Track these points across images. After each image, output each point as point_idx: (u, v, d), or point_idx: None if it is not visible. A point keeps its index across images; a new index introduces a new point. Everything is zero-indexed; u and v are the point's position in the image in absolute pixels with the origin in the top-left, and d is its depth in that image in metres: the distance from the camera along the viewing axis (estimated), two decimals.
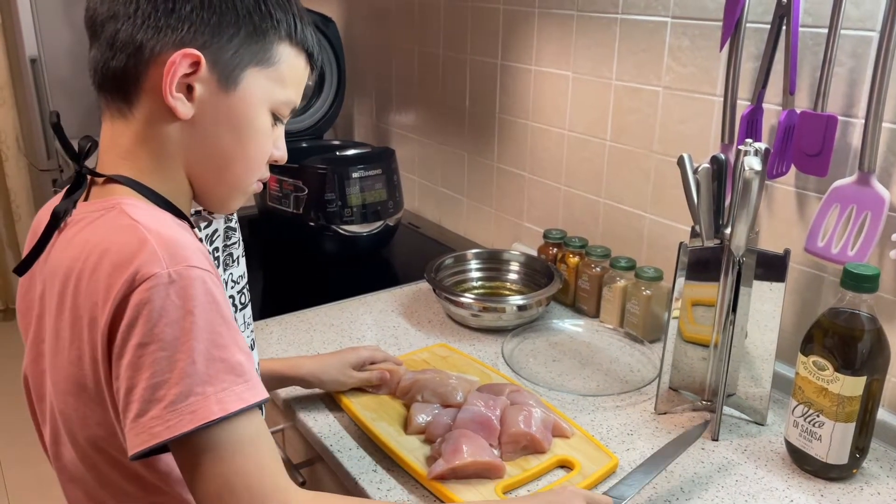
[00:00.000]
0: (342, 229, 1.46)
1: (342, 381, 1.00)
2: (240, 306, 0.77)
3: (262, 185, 0.73)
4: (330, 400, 1.03)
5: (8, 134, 2.91)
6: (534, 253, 1.39)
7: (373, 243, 1.53)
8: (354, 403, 0.99)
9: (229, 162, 0.68)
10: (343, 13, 1.98)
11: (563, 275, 1.29)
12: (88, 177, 0.67)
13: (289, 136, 1.72)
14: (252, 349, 0.80)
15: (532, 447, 0.89)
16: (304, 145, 1.71)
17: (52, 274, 0.65)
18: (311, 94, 1.82)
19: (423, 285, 1.38)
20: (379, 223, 1.49)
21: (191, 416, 0.56)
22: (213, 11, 0.63)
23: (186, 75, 0.63)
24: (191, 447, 0.58)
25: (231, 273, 0.76)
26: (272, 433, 1.12)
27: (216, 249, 0.73)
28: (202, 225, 0.71)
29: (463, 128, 1.64)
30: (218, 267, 0.73)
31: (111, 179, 0.66)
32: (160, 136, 0.65)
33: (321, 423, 0.98)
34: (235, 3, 0.64)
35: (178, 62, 0.62)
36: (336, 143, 1.78)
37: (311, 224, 1.46)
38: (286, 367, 0.99)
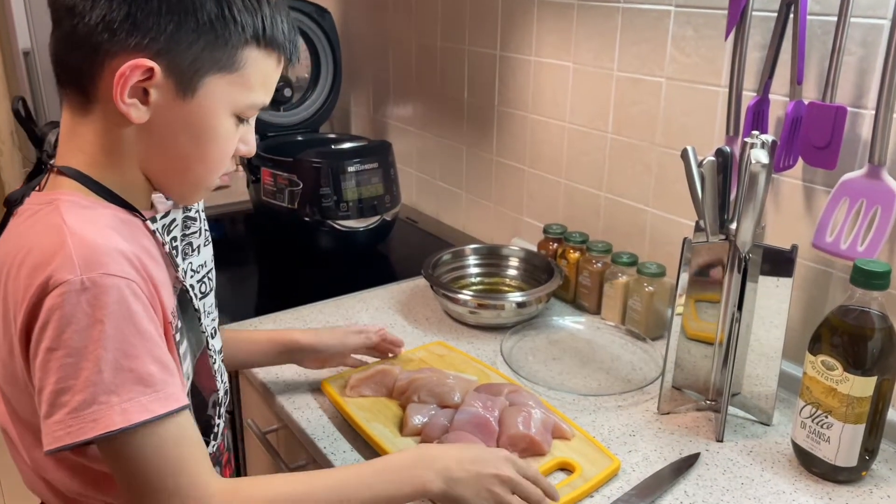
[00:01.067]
0: (338, 224, 1.44)
1: (336, 357, 1.00)
2: (199, 295, 0.77)
3: (228, 178, 0.72)
4: (324, 400, 1.00)
5: (2, 128, 2.87)
6: (534, 248, 1.37)
7: (369, 239, 1.50)
8: (349, 404, 0.96)
9: (188, 165, 0.68)
10: (339, 3, 1.95)
11: (564, 271, 1.27)
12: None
13: (283, 129, 1.71)
14: (214, 336, 0.80)
15: (531, 449, 0.87)
16: (300, 139, 1.68)
17: None
18: (307, 87, 1.78)
19: (421, 282, 1.35)
20: (376, 218, 1.46)
21: (93, 424, 0.57)
22: (170, 19, 0.62)
23: (141, 81, 0.63)
24: (104, 451, 0.61)
25: (191, 262, 0.75)
26: (266, 433, 1.11)
27: (174, 239, 0.73)
28: (157, 216, 0.70)
29: (461, 120, 1.61)
30: (176, 256, 0.72)
31: (61, 171, 0.66)
32: (116, 136, 0.65)
33: (315, 425, 0.95)
34: (196, 10, 0.62)
35: (129, 73, 0.61)
36: (332, 136, 1.75)
37: (306, 219, 1.44)
38: (280, 333, 1.00)
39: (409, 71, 1.75)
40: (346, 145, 1.54)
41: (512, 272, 1.34)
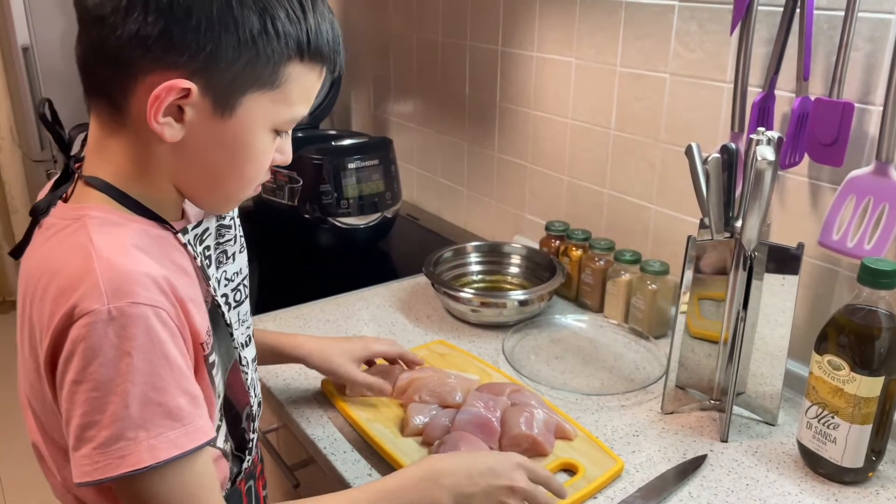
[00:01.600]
0: (338, 222, 1.43)
1: (341, 371, 0.94)
2: (234, 304, 0.74)
3: (261, 188, 0.70)
4: (325, 400, 0.99)
5: (1, 125, 2.87)
6: (536, 246, 1.36)
7: (370, 236, 1.49)
8: (350, 404, 0.95)
9: (222, 181, 0.65)
10: None
11: (566, 268, 1.25)
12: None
13: None
14: (246, 346, 0.77)
15: (534, 450, 0.86)
16: (300, 135, 1.66)
17: (21, 278, 0.63)
18: None
19: (422, 279, 1.34)
20: (376, 215, 1.45)
21: (119, 460, 0.55)
22: (210, 36, 0.57)
23: (176, 100, 0.58)
24: (125, 489, 0.58)
25: (225, 271, 0.72)
26: (266, 433, 1.10)
27: (207, 248, 0.70)
28: (189, 227, 0.67)
29: (463, 117, 1.60)
30: (210, 266, 0.69)
31: (88, 182, 0.63)
32: (147, 152, 0.62)
33: (314, 425, 0.94)
34: (238, 26, 0.57)
35: (164, 95, 0.57)
36: (332, 132, 1.74)
37: (307, 216, 1.43)
38: (288, 343, 0.94)
39: (410, 67, 1.74)
40: (347, 142, 1.53)
41: (514, 270, 1.33)
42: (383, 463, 0.86)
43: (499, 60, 1.45)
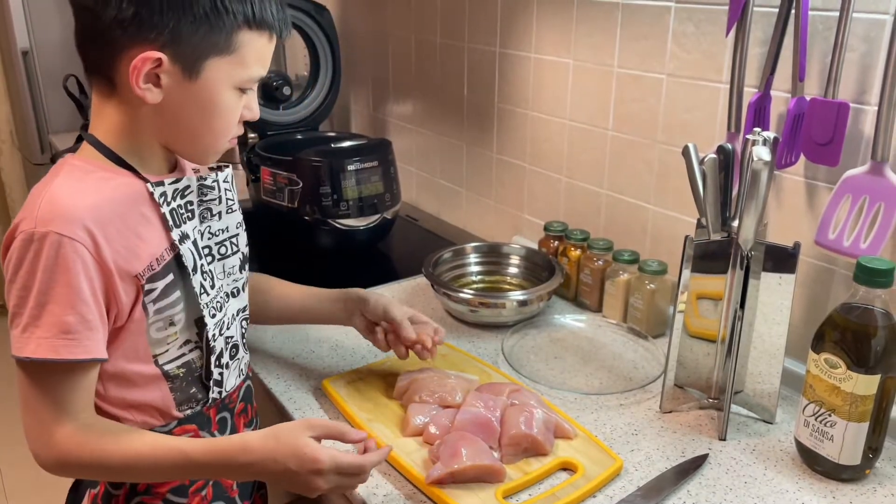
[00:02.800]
0: (338, 223, 1.43)
1: (397, 314, 0.99)
2: (218, 256, 0.86)
3: (236, 141, 0.83)
4: (325, 400, 1.00)
5: (1, 128, 2.87)
6: (534, 246, 1.36)
7: (369, 237, 1.49)
8: (350, 404, 0.96)
9: (198, 135, 0.79)
10: (338, 1, 1.94)
11: (565, 268, 1.26)
12: None
13: (283, 128, 1.70)
14: (236, 296, 0.90)
15: (533, 449, 0.87)
16: (299, 137, 1.67)
17: None
18: (306, 85, 1.78)
19: (422, 280, 1.35)
20: (376, 217, 1.46)
21: (20, 347, 0.71)
22: (171, 15, 0.71)
23: (152, 68, 0.73)
24: (20, 371, 0.72)
25: (209, 226, 0.85)
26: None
27: (189, 203, 0.82)
28: (167, 181, 0.79)
29: (461, 117, 1.60)
30: (192, 219, 0.82)
31: (85, 139, 0.78)
32: (135, 114, 0.76)
33: None
34: (192, 5, 0.72)
35: (141, 64, 0.72)
36: (331, 134, 1.74)
37: (306, 218, 1.43)
38: (343, 292, 1.04)
39: (409, 68, 1.74)
40: (346, 143, 1.53)
41: (513, 270, 1.34)
42: (384, 463, 0.87)
43: (497, 62, 1.46)
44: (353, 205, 1.43)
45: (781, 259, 0.89)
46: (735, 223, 0.91)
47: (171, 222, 0.78)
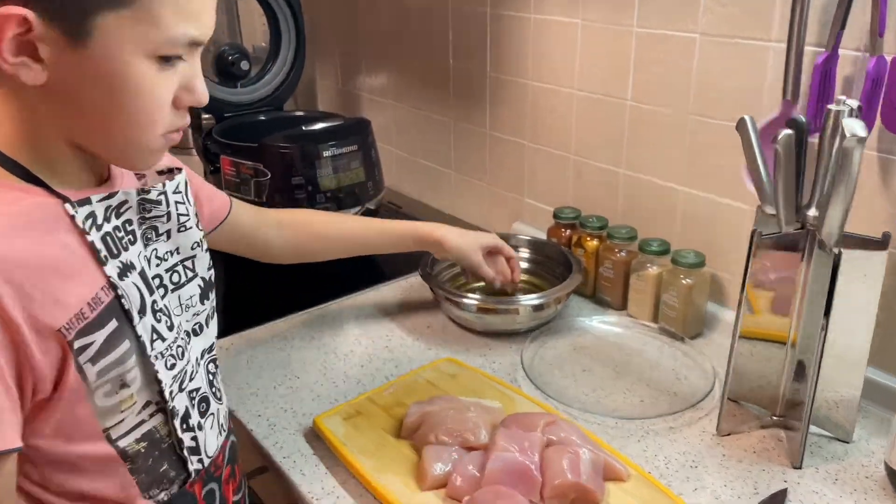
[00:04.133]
0: None
1: (474, 259, 1.02)
2: (171, 286, 0.68)
3: (180, 135, 0.62)
4: (318, 443, 0.82)
5: None
6: (541, 235, 1.20)
7: None
8: (349, 448, 0.79)
9: (109, 124, 0.57)
10: None
11: (582, 261, 1.10)
12: None
13: (242, 108, 1.49)
14: (199, 333, 0.71)
15: (583, 499, 0.71)
16: (262, 118, 1.47)
17: None
18: (266, 58, 1.56)
19: (414, 279, 1.18)
20: (357, 209, 1.27)
21: None
22: None
23: (20, 34, 0.51)
24: None
25: (155, 249, 0.66)
26: (249, 476, 0.93)
27: (128, 222, 0.63)
28: (94, 197, 0.59)
29: (446, 90, 1.42)
30: (135, 242, 0.63)
31: None
32: (23, 105, 0.56)
33: (310, 478, 0.78)
34: None
35: (2, 28, 0.50)
36: (300, 114, 1.54)
37: None
38: (423, 228, 1.03)
39: (382, 35, 1.55)
40: (319, 125, 1.33)
41: (521, 265, 1.17)
42: None
43: (488, 24, 1.27)
44: (332, 196, 1.24)
45: (865, 251, 0.74)
46: (810, 212, 0.75)
47: (103, 253, 0.59)
